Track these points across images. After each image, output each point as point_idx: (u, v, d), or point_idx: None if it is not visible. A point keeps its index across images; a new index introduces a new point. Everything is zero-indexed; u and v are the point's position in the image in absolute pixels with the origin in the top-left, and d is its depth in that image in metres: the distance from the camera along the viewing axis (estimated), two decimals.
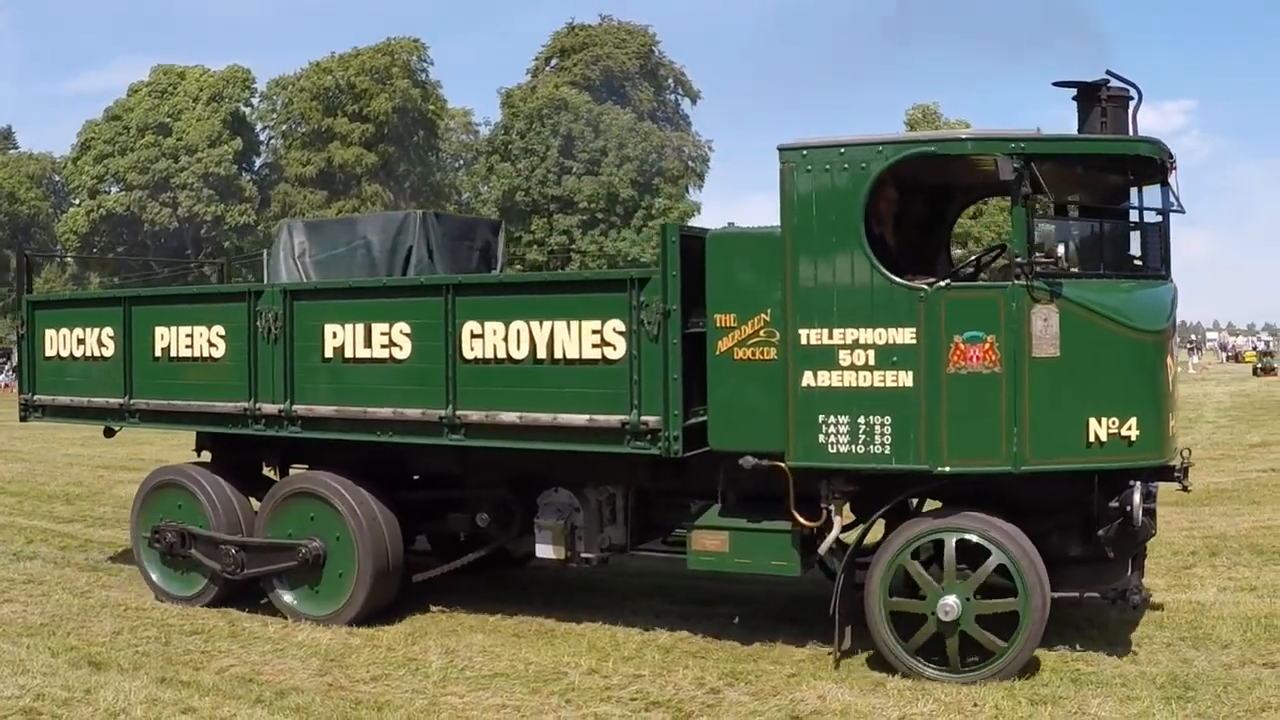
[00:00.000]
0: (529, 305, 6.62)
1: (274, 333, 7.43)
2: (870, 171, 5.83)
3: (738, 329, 6.12)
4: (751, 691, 5.77)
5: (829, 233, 5.89)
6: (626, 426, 6.31)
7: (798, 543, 6.30)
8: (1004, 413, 5.66)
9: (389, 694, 5.84)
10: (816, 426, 5.94)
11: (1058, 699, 5.47)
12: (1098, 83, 6.08)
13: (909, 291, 5.80)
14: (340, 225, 8.54)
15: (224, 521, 7.87)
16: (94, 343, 8.38)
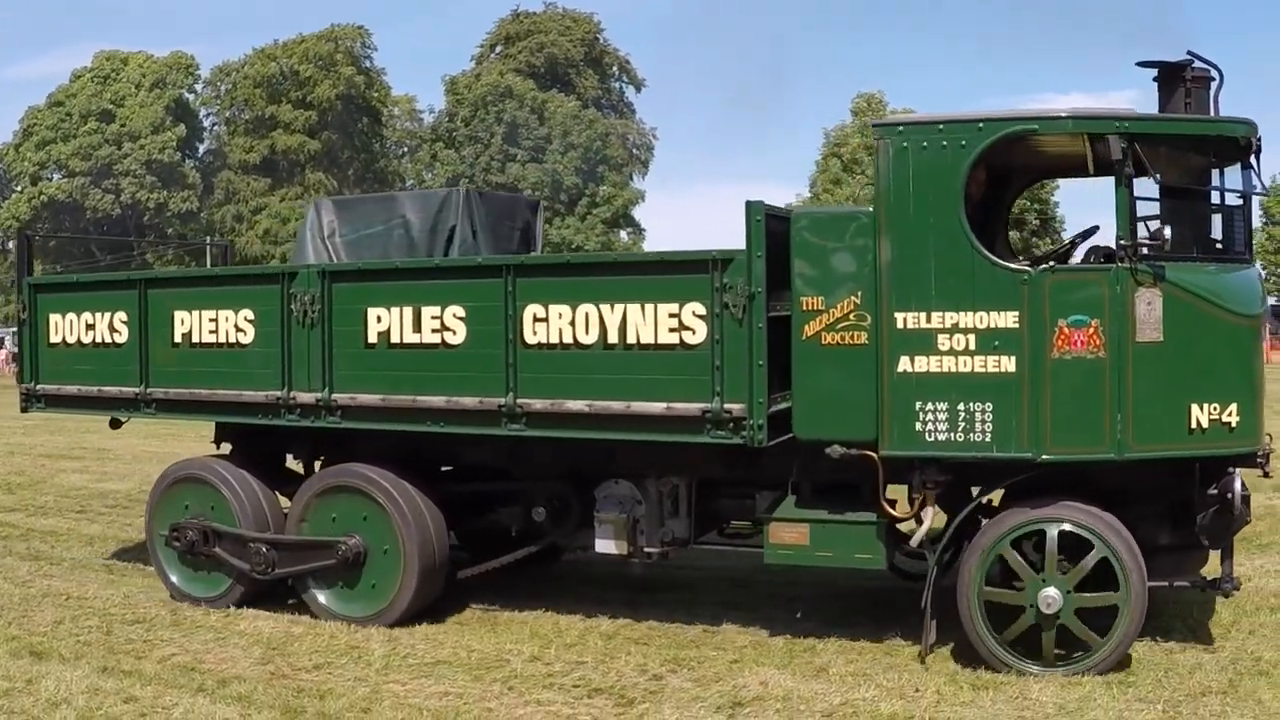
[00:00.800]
0: (598, 287, 6.22)
1: (310, 317, 6.94)
2: (970, 149, 5.56)
3: (826, 312, 5.82)
4: (694, 678, 5.74)
5: (927, 212, 5.61)
6: (708, 415, 5.96)
7: (883, 534, 6.05)
8: (1108, 399, 5.46)
9: (331, 682, 5.77)
10: (913, 414, 5.67)
11: (999, 684, 5.45)
12: (1181, 63, 5.91)
13: (1012, 274, 5.55)
14: (375, 203, 8.03)
15: (251, 518, 7.37)
16: (105, 328, 7.79)
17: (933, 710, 5.19)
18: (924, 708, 5.21)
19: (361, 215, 7.86)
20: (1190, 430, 5.48)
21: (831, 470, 6.20)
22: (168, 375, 7.55)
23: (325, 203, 8.04)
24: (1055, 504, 5.66)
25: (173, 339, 7.50)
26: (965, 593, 5.75)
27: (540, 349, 6.35)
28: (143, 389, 7.62)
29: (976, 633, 5.75)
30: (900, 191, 5.66)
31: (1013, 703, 5.26)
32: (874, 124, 5.74)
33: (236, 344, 7.26)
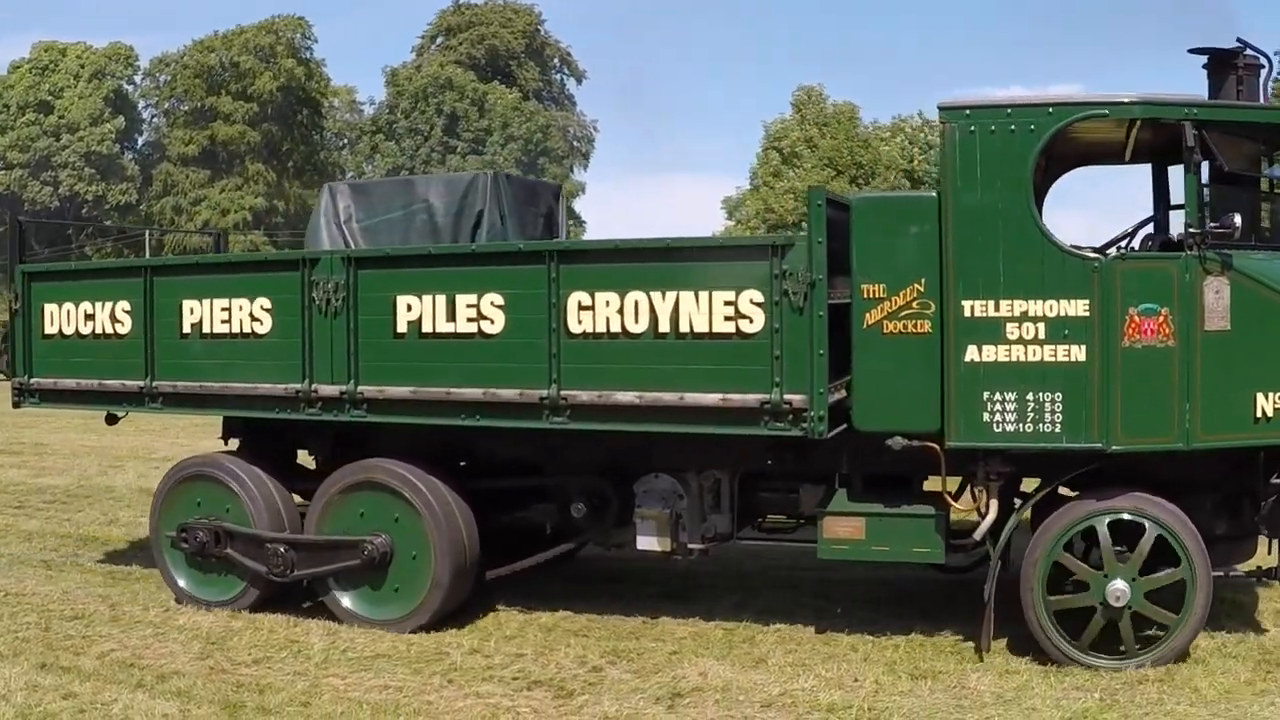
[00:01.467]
0: (649, 274, 5.94)
1: (333, 306, 6.58)
2: (1040, 134, 5.43)
3: (888, 300, 5.65)
4: (633, 669, 5.72)
5: (995, 198, 5.46)
6: (766, 406, 5.75)
7: (941, 527, 5.91)
8: (1176, 388, 5.37)
9: (270, 676, 5.72)
10: (980, 404, 5.51)
11: (938, 674, 5.47)
12: (1233, 50, 5.87)
13: (1082, 262, 5.42)
14: (394, 187, 7.65)
15: (266, 517, 6.98)
16: (106, 318, 7.32)
17: (871, 700, 5.18)
18: (863, 698, 5.20)
19: (379, 200, 7.49)
20: (1255, 419, 5.41)
21: (882, 462, 6.06)
22: (176, 368, 7.11)
23: (340, 187, 7.65)
24: (1106, 495, 5.55)
25: (181, 329, 7.06)
26: (1029, 598, 5.60)
27: (585, 338, 6.08)
28: (148, 382, 7.16)
29: (1050, 643, 5.60)
30: (967, 176, 5.50)
31: (951, 692, 5.26)
32: (940, 106, 5.58)
33: (252, 334, 6.86)
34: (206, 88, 51.72)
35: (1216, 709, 5.00)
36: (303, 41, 54.67)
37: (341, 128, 62.05)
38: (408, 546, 6.58)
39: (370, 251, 6.86)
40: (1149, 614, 5.51)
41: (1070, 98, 5.51)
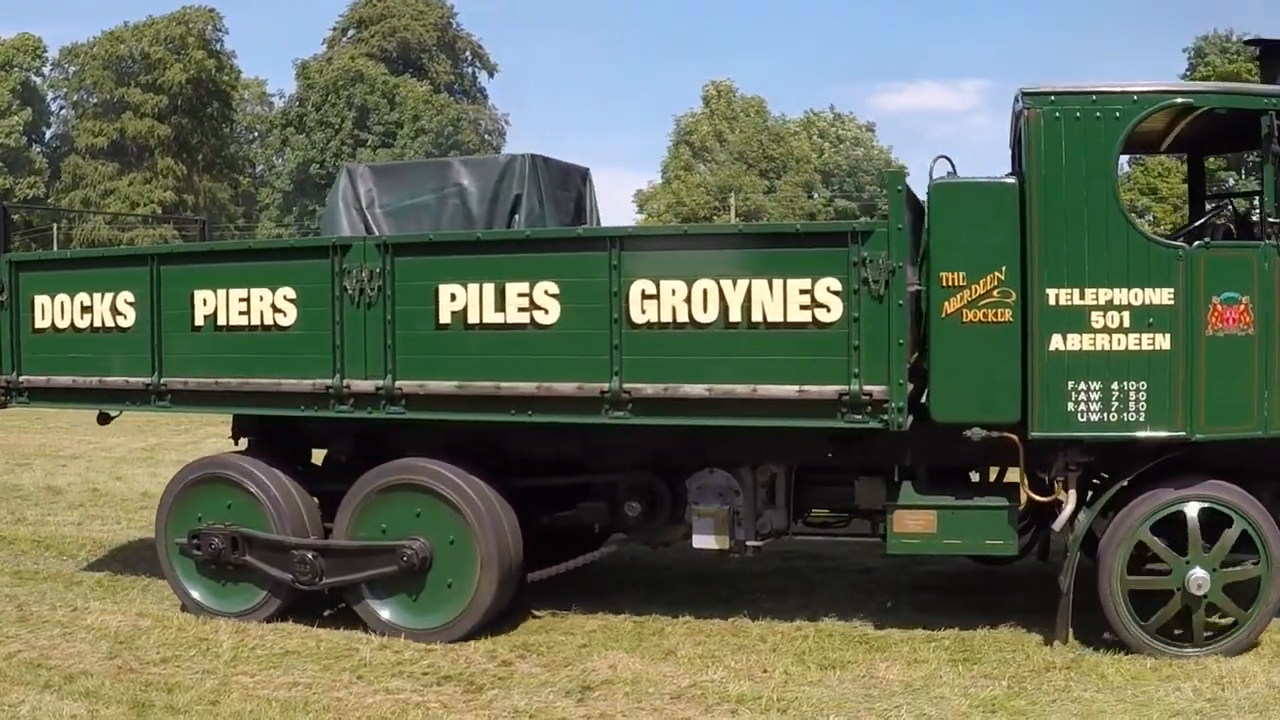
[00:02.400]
0: (718, 261, 5.68)
1: (368, 295, 6.14)
2: (1124, 121, 5.31)
3: (967, 288, 5.47)
4: (543, 663, 5.68)
5: (1079, 185, 5.33)
6: (845, 398, 5.54)
7: (1014, 519, 5.78)
8: (1256, 376, 5.33)
9: (179, 675, 5.60)
10: (1065, 394, 5.38)
11: (846, 664, 5.49)
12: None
13: (1167, 250, 5.33)
14: (421, 170, 7.19)
15: (289, 522, 6.50)
16: (106, 310, 6.72)
17: (780, 690, 5.16)
18: (772, 688, 5.18)
19: (405, 183, 7.02)
20: None
21: (947, 454, 5.92)
22: (188, 363, 6.56)
23: (360, 169, 7.16)
24: (1190, 484, 5.49)
25: (193, 322, 6.52)
26: (1107, 582, 5.52)
27: (650, 329, 5.76)
28: (155, 379, 6.59)
29: (1121, 620, 5.53)
30: (1052, 163, 5.36)
31: (860, 681, 5.27)
32: (1024, 92, 5.43)
33: (274, 327, 6.35)
34: (116, 79, 50.09)
35: (1123, 695, 5.03)
36: (214, 33, 53.52)
37: (252, 121, 60.94)
38: (449, 551, 6.18)
39: (410, 237, 6.40)
40: (1220, 604, 5.46)
41: (1154, 86, 5.41)
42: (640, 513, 6.32)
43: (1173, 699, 4.99)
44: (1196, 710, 4.87)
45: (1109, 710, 4.90)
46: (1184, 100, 5.43)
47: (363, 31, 56.90)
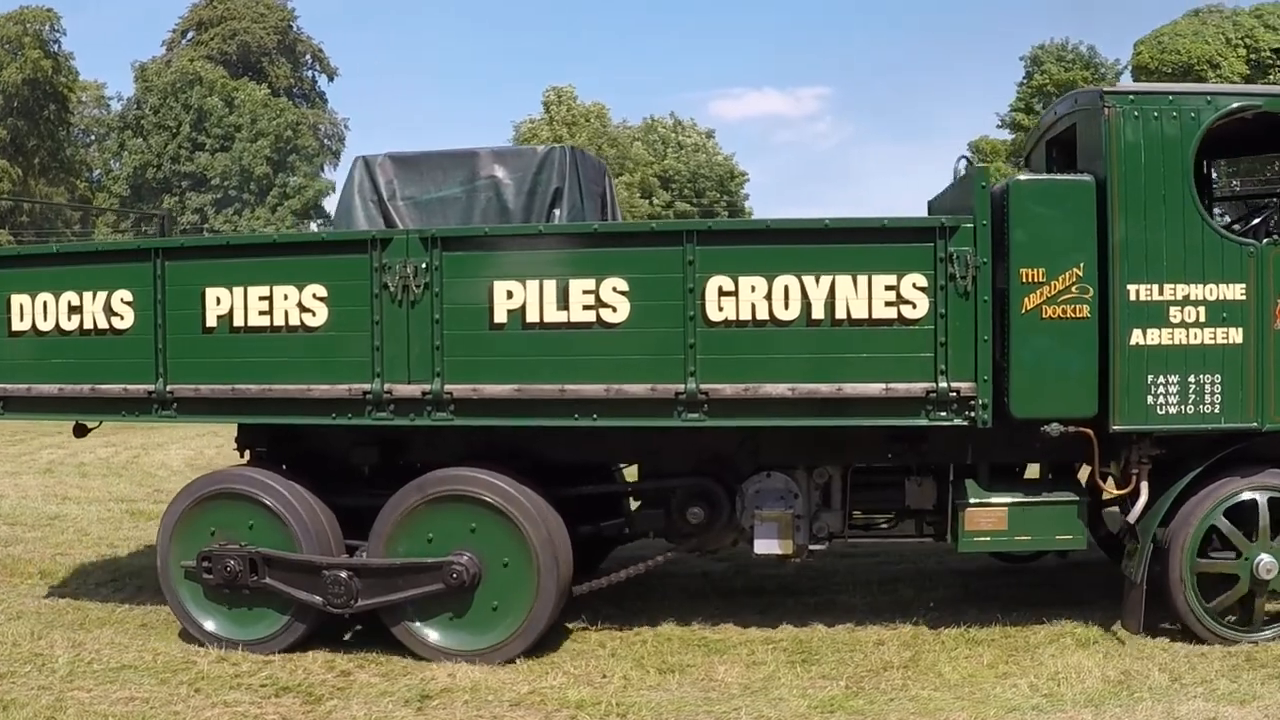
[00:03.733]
0: (800, 256, 5.49)
1: (413, 293, 5.68)
2: (1200, 122, 5.43)
3: (1047, 284, 5.47)
4: (382, 673, 5.61)
5: (1158, 183, 5.41)
6: (932, 395, 5.46)
7: (1084, 514, 5.82)
8: None
9: (14, 692, 5.39)
10: (1144, 387, 5.45)
11: (685, 667, 5.51)
12: None
13: (1240, 247, 5.46)
14: (448, 160, 6.65)
15: (314, 539, 5.95)
16: (98, 311, 5.99)
17: (620, 695, 5.15)
18: (611, 693, 5.17)
19: (431, 174, 6.54)
20: None
21: (1004, 451, 5.93)
22: (198, 368, 5.92)
23: (380, 159, 6.62)
24: (1259, 472, 5.66)
25: (204, 323, 5.89)
26: (1176, 565, 5.63)
27: (727, 326, 5.54)
28: (160, 386, 5.92)
29: (1188, 604, 5.65)
30: (1132, 161, 5.42)
31: (699, 685, 5.29)
32: (1105, 91, 5.48)
33: (301, 327, 5.80)
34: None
35: (960, 692, 5.12)
36: (51, 34, 50.91)
37: (89, 124, 58.09)
38: (501, 565, 5.77)
39: (461, 230, 5.96)
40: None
41: (1229, 89, 5.65)
42: (703, 519, 6.05)
43: (1009, 695, 5.06)
44: (1033, 706, 4.94)
45: (946, 708, 4.95)
46: (1252, 104, 5.58)
47: (202, 34, 55.49)
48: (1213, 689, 5.06)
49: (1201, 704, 4.87)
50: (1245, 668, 5.32)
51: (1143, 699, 4.97)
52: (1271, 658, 5.40)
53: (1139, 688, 5.12)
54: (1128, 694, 5.05)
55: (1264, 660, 5.38)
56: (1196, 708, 4.83)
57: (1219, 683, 5.14)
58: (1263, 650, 5.47)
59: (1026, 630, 6.00)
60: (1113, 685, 5.17)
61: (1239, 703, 4.89)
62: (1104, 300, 5.47)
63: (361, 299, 5.72)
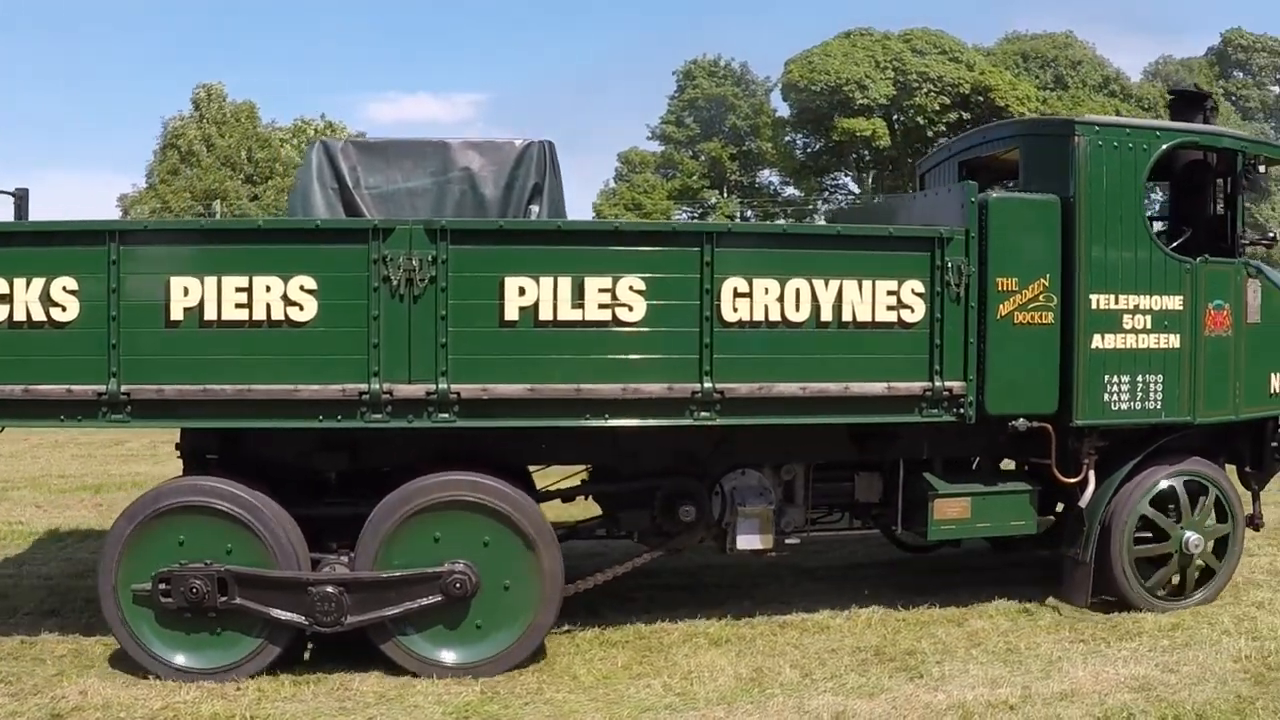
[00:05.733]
0: (812, 261, 5.67)
1: (417, 287, 5.36)
2: (1151, 152, 6.11)
3: (1019, 293, 5.97)
4: (11, 692, 5.32)
5: (1116, 205, 6.02)
6: (928, 394, 5.80)
7: (1035, 501, 6.38)
8: (1231, 369, 6.35)
9: None
10: (1102, 386, 6.08)
11: (319, 679, 5.43)
12: (1203, 93, 7.05)
13: (1179, 263, 6.20)
14: (417, 150, 6.17)
15: (288, 554, 5.49)
16: (32, 300, 5.22)
17: (254, 708, 5.08)
18: (245, 705, 5.10)
19: (398, 163, 6.16)
20: (1270, 394, 6.61)
21: (959, 447, 6.43)
22: (160, 367, 5.30)
23: (341, 145, 6.15)
24: (1181, 461, 6.43)
25: (169, 315, 5.28)
26: (1116, 548, 6.29)
27: (742, 327, 5.63)
28: (111, 387, 5.25)
29: (1126, 582, 6.33)
30: (1096, 184, 6.01)
31: (334, 694, 5.25)
32: (1076, 122, 6.04)
33: (286, 322, 5.33)
34: None
35: (595, 694, 5.24)
36: None
37: None
38: (498, 573, 5.58)
39: (474, 223, 5.66)
40: (1208, 562, 6.45)
41: (1173, 125, 6.36)
42: (694, 517, 6.11)
43: (643, 695, 5.20)
44: (666, 705, 5.10)
45: (581, 710, 5.05)
46: (1190, 140, 6.36)
47: None
48: (842, 683, 5.33)
49: (831, 698, 5.11)
50: (874, 662, 5.68)
51: (774, 695, 5.17)
52: (900, 652, 5.80)
53: (771, 684, 5.33)
54: (760, 690, 5.25)
55: (892, 654, 5.76)
56: (826, 702, 5.05)
57: (848, 677, 5.42)
58: (890, 645, 5.89)
59: (661, 630, 6.18)
60: (745, 683, 5.36)
61: (868, 696, 5.17)
62: (1066, 308, 6.03)
63: (358, 292, 5.34)
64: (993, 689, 5.23)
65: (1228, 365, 6.35)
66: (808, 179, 53.07)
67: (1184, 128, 6.43)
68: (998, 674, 5.47)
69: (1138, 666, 5.50)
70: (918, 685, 5.32)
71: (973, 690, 5.21)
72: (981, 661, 5.66)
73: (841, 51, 50.35)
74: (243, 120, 40.71)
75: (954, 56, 51.01)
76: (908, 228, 5.86)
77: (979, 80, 50.14)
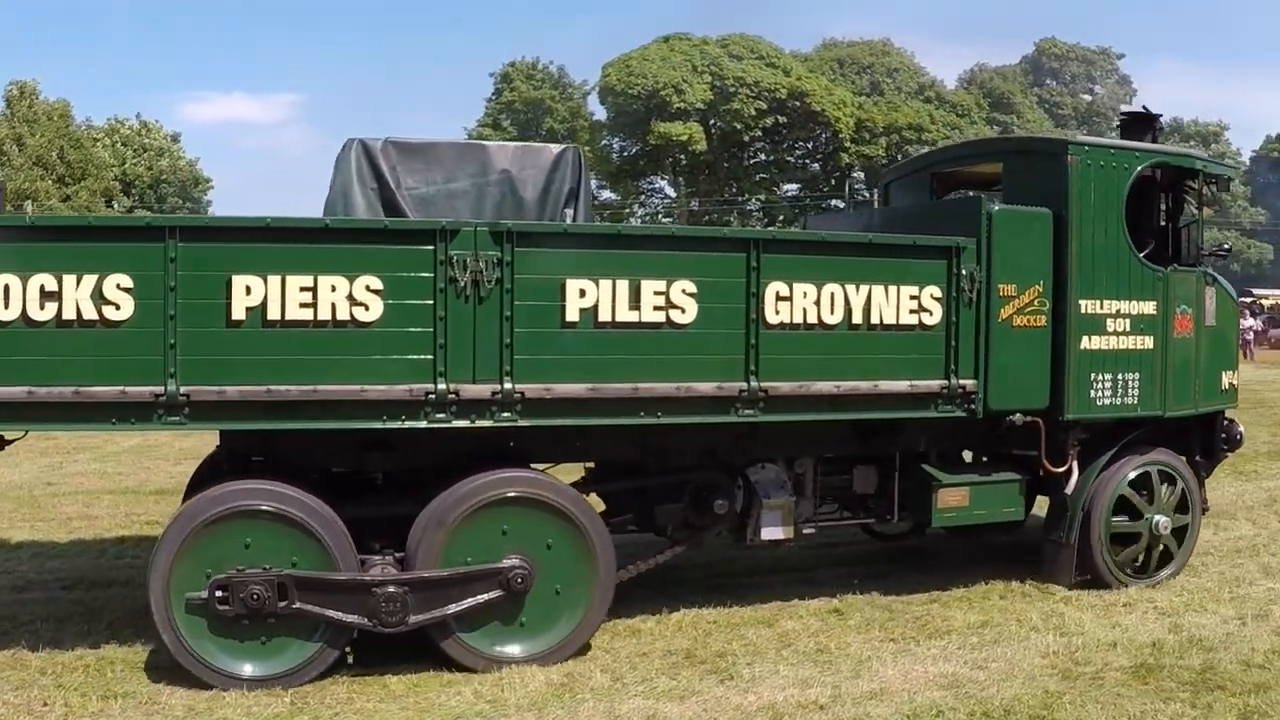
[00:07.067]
0: (846, 267, 6.06)
1: (483, 289, 5.46)
2: (1131, 171, 6.79)
3: (1017, 298, 6.54)
4: None
5: (1102, 219, 6.67)
6: (944, 391, 6.29)
7: (1024, 490, 6.98)
8: (1194, 367, 7.12)
9: None
10: (1089, 383, 6.71)
11: (129, 694, 5.30)
12: (1154, 114, 7.82)
13: (1152, 272, 6.91)
14: (455, 151, 6.13)
15: (348, 556, 5.50)
16: (85, 298, 5.05)
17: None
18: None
19: (437, 165, 6.20)
20: (1222, 390, 7.44)
21: (955, 440, 7.00)
22: (220, 367, 5.23)
23: (382, 145, 6.13)
24: (1151, 451, 7.15)
25: (230, 315, 5.21)
26: (1095, 526, 6.96)
27: (783, 329, 5.97)
28: (170, 388, 5.14)
29: (1103, 559, 7.01)
30: (1085, 199, 6.64)
31: (142, 709, 5.14)
32: (1070, 141, 6.66)
33: (351, 322, 5.35)
34: None
35: (405, 702, 5.20)
36: None
37: None
38: (552, 566, 5.75)
39: (538, 226, 5.79)
40: (1169, 545, 7.20)
41: (1150, 147, 7.09)
42: (728, 509, 6.41)
43: (454, 703, 5.17)
44: (477, 712, 5.07)
45: (392, 718, 5.04)
46: (1163, 160, 7.10)
47: None
48: (653, 687, 5.37)
49: (642, 702, 5.15)
50: (685, 664, 5.72)
51: (585, 700, 5.19)
52: (711, 654, 5.88)
53: (581, 689, 5.34)
54: (570, 696, 5.26)
55: (703, 657, 5.84)
56: (637, 705, 5.10)
57: (659, 680, 5.46)
58: (701, 647, 5.98)
59: None
60: (556, 688, 5.36)
61: (678, 699, 5.22)
62: (1056, 312, 6.64)
63: (423, 293, 5.40)
64: (803, 689, 5.29)
65: (1190, 364, 7.12)
66: (625, 182, 54.11)
67: (1158, 149, 7.18)
68: (808, 674, 5.53)
69: (947, 664, 5.64)
70: (728, 687, 5.36)
71: (783, 691, 5.26)
72: (792, 662, 5.72)
73: (659, 56, 51.41)
74: (55, 119, 39.52)
75: (771, 62, 52.93)
76: (930, 238, 6.33)
77: (796, 86, 52.22)
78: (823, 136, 54.56)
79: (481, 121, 53.29)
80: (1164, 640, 6.01)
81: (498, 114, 53.76)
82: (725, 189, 53.33)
